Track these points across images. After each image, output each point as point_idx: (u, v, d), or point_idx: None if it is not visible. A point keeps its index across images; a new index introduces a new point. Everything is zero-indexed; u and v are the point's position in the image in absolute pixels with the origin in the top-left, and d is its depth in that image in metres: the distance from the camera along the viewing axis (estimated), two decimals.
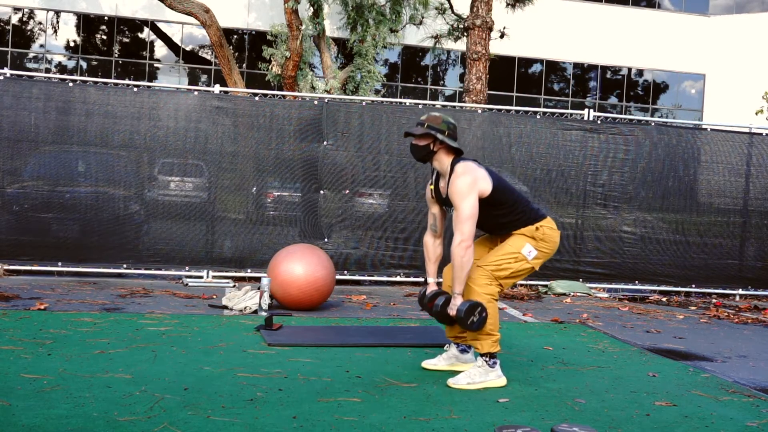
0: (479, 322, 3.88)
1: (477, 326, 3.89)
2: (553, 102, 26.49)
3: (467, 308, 3.86)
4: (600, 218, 8.52)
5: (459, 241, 3.87)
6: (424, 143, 4.07)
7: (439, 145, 4.05)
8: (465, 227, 3.88)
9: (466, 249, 3.86)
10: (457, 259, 3.88)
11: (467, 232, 3.87)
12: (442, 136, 4.02)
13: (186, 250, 7.79)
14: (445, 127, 4.05)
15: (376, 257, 8.09)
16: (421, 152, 4.09)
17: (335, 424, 3.20)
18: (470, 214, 3.89)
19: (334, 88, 11.33)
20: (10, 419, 3.05)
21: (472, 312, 3.86)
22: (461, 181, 3.93)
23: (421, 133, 4.04)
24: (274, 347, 4.70)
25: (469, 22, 10.86)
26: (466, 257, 3.87)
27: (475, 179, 3.95)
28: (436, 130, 4.03)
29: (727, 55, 26.45)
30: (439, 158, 4.07)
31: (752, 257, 8.84)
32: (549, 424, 3.31)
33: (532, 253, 4.06)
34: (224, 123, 7.88)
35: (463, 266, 3.88)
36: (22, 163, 7.55)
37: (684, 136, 8.70)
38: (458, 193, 3.92)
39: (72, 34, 23.67)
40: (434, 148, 4.06)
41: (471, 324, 3.87)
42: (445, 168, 4.06)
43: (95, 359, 4.14)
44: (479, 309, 3.88)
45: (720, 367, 4.86)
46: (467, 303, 3.88)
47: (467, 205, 3.89)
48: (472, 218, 3.90)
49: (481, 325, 3.90)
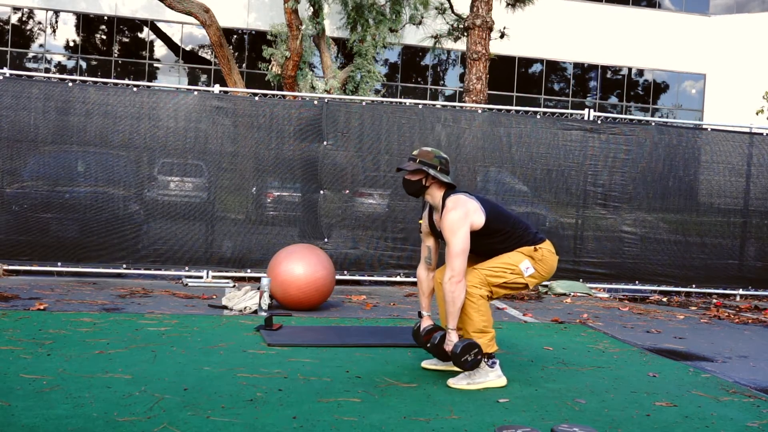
0: (472, 363, 3.91)
1: (470, 366, 3.92)
2: (553, 102, 26.49)
3: (462, 347, 3.89)
4: (600, 218, 8.52)
5: (449, 277, 3.88)
6: (416, 178, 4.08)
7: (431, 180, 4.07)
8: (456, 263, 3.88)
9: (456, 284, 3.88)
10: (448, 294, 3.89)
11: (458, 268, 3.88)
12: (434, 171, 4.04)
13: (186, 250, 7.79)
14: (437, 162, 4.06)
15: (375, 257, 8.09)
16: (413, 187, 4.11)
17: (335, 424, 3.20)
18: (461, 250, 3.90)
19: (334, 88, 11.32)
20: (9, 419, 3.04)
21: (467, 351, 3.89)
22: (452, 215, 3.94)
23: (414, 168, 4.05)
24: (274, 347, 4.70)
25: (469, 22, 10.85)
26: (457, 292, 3.88)
27: (465, 213, 3.95)
28: (428, 166, 4.04)
29: (727, 55, 26.46)
30: (432, 193, 4.09)
31: (752, 257, 8.83)
32: (549, 424, 3.31)
33: (529, 270, 4.07)
34: (224, 123, 7.88)
35: (454, 301, 3.90)
36: (22, 163, 7.55)
37: (684, 136, 8.70)
38: (449, 228, 3.92)
39: (71, 33, 23.67)
40: (426, 183, 4.07)
41: (465, 362, 3.90)
42: (438, 202, 4.08)
43: (95, 359, 4.14)
44: (475, 351, 3.91)
45: (720, 367, 4.85)
46: (463, 342, 3.91)
47: (458, 241, 3.90)
48: (463, 254, 3.90)
49: (475, 365, 3.92)
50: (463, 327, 4.03)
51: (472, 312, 3.97)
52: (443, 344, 4.05)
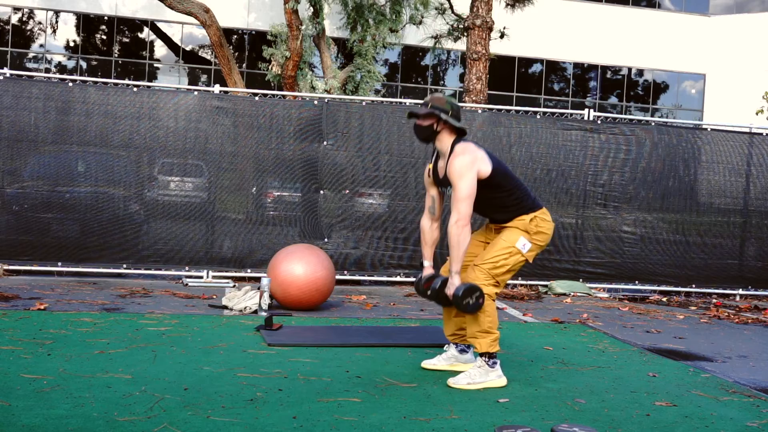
0: (474, 306, 3.88)
1: (472, 309, 3.89)
2: (553, 102, 26.49)
3: (465, 290, 3.86)
4: (600, 218, 8.52)
5: (456, 220, 3.88)
6: (427, 123, 4.07)
7: (443, 125, 4.06)
8: (462, 206, 3.88)
9: (462, 227, 3.87)
10: (454, 237, 3.88)
11: (464, 211, 3.88)
12: (445, 116, 4.03)
13: (186, 250, 7.79)
14: (449, 107, 4.06)
15: (376, 257, 8.09)
16: (424, 132, 4.09)
17: (335, 424, 3.20)
18: (468, 194, 3.89)
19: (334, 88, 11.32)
20: (10, 419, 3.05)
21: (469, 294, 3.86)
22: (460, 160, 3.94)
23: (425, 113, 4.05)
24: (274, 347, 4.70)
25: (469, 22, 10.85)
26: (463, 236, 3.87)
27: (474, 159, 3.95)
28: (440, 110, 4.03)
29: (727, 55, 26.46)
30: (442, 138, 4.08)
31: (752, 257, 8.83)
32: (549, 424, 3.31)
33: (527, 246, 4.05)
34: (224, 123, 7.88)
35: (459, 245, 3.88)
36: (22, 163, 7.55)
37: (684, 136, 8.70)
38: (456, 171, 3.92)
39: (72, 34, 23.67)
40: (437, 128, 4.06)
41: (466, 305, 3.87)
42: (446, 148, 4.06)
43: (95, 359, 4.14)
44: (477, 294, 3.88)
45: (720, 367, 4.85)
46: (465, 285, 3.88)
47: (465, 185, 3.89)
48: (469, 198, 3.90)
49: (476, 309, 3.89)
50: (468, 328, 4.02)
51: (479, 313, 3.96)
52: (444, 289, 4.00)
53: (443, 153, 4.09)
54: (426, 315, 6.40)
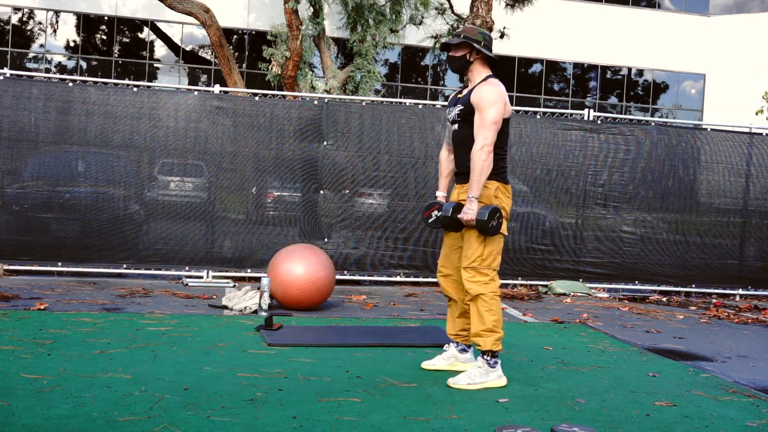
0: (497, 227, 3.90)
1: (494, 231, 3.89)
2: (553, 102, 26.49)
3: (490, 211, 3.86)
4: (600, 218, 8.52)
5: (481, 146, 3.90)
6: (461, 53, 4.09)
7: (476, 55, 4.08)
8: (489, 132, 3.92)
9: (488, 154, 3.90)
10: (478, 162, 3.89)
11: (490, 137, 3.92)
12: (478, 46, 4.05)
13: (186, 250, 7.79)
14: (482, 37, 4.08)
15: (375, 257, 8.09)
16: (458, 63, 4.11)
17: (335, 424, 3.20)
18: (495, 120, 3.93)
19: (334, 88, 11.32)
20: (10, 419, 3.05)
21: (493, 216, 3.87)
22: (492, 89, 3.98)
23: (458, 42, 4.06)
24: (274, 347, 4.70)
25: (469, 22, 10.85)
26: (488, 161, 3.90)
27: (504, 94, 4.00)
28: (473, 41, 4.05)
29: (727, 55, 26.45)
30: (475, 68, 4.11)
31: (752, 257, 8.83)
32: (549, 424, 3.31)
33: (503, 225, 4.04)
34: (224, 123, 7.88)
35: (483, 170, 3.90)
36: (22, 163, 7.55)
37: (684, 136, 8.70)
38: (487, 98, 3.95)
39: (72, 34, 23.67)
40: (471, 59, 4.09)
41: (491, 228, 3.87)
42: (478, 79, 4.08)
43: (95, 359, 4.14)
44: (498, 214, 3.90)
45: (720, 367, 4.86)
46: (489, 207, 3.89)
47: (493, 111, 3.93)
48: (496, 125, 3.93)
49: (497, 230, 3.90)
50: (473, 326, 4.02)
51: (484, 311, 3.96)
52: (457, 213, 3.97)
53: (473, 82, 4.11)
54: (426, 315, 6.41)
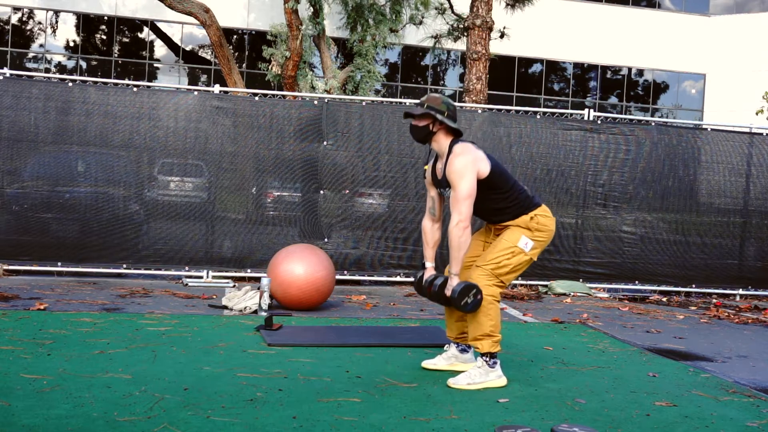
0: (473, 304, 3.87)
1: (471, 308, 3.87)
2: (553, 102, 26.49)
3: (461, 289, 3.85)
4: (600, 218, 8.52)
5: (456, 222, 3.86)
6: (423, 123, 4.05)
7: (439, 126, 4.04)
8: (463, 207, 3.87)
9: (463, 229, 3.85)
10: (455, 239, 3.87)
11: (465, 212, 3.86)
12: (441, 116, 4.01)
13: (186, 250, 7.79)
14: (445, 108, 4.03)
15: (375, 257, 8.09)
16: (420, 133, 4.07)
17: (335, 424, 3.20)
18: (468, 194, 3.88)
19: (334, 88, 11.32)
20: (10, 419, 3.05)
21: (466, 293, 3.85)
22: (460, 160, 3.92)
23: (421, 113, 4.02)
24: (274, 347, 4.70)
25: (469, 22, 10.85)
26: (464, 237, 3.86)
27: (474, 159, 3.93)
28: (436, 111, 4.01)
29: (727, 55, 26.45)
30: (438, 139, 4.06)
31: (752, 257, 8.83)
32: (549, 424, 3.31)
33: (529, 245, 4.03)
34: (224, 123, 7.88)
35: (460, 246, 3.87)
36: (22, 163, 7.55)
37: (684, 136, 8.70)
38: (456, 172, 3.90)
39: (72, 33, 23.67)
40: (434, 129, 4.04)
41: (465, 305, 3.86)
42: (444, 149, 4.04)
43: (95, 359, 4.14)
44: (474, 291, 3.86)
45: (720, 367, 4.85)
46: (462, 284, 3.87)
47: (465, 185, 3.87)
48: (470, 198, 3.88)
49: (476, 307, 3.88)
50: (470, 331, 4.01)
51: (481, 316, 3.94)
52: (444, 289, 3.99)
53: (441, 154, 4.07)
54: (426, 315, 6.40)
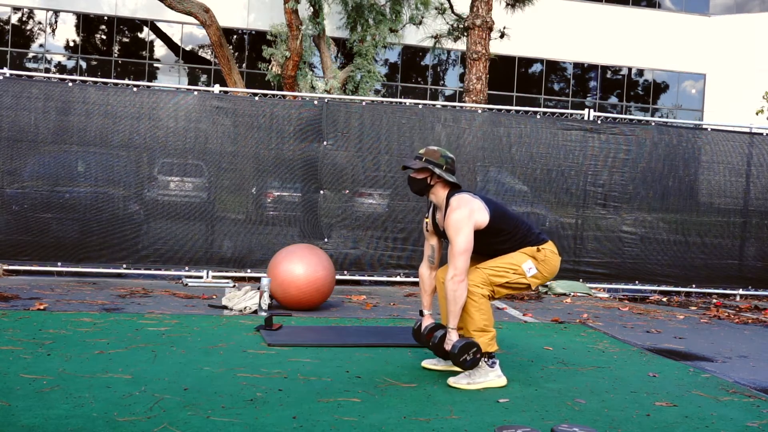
0: (471, 362, 3.92)
1: (469, 365, 3.92)
2: (553, 102, 26.49)
3: (461, 347, 3.89)
4: (600, 218, 8.52)
5: (452, 276, 3.88)
6: (421, 177, 4.09)
7: (437, 179, 4.07)
8: (459, 261, 3.88)
9: (459, 283, 3.87)
10: (450, 293, 3.89)
11: (460, 267, 3.88)
12: (439, 170, 4.04)
13: (186, 250, 7.79)
14: (443, 161, 4.07)
15: (375, 257, 8.09)
16: (418, 185, 4.12)
17: (335, 424, 3.20)
18: (464, 249, 3.89)
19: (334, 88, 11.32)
20: (10, 419, 3.04)
21: (465, 351, 3.89)
22: (456, 215, 3.94)
23: (419, 167, 4.06)
24: (274, 347, 4.70)
25: (469, 22, 10.85)
26: (459, 291, 3.88)
27: (470, 212, 3.95)
28: (434, 165, 4.05)
29: (727, 55, 26.45)
30: (436, 192, 4.10)
31: (752, 257, 8.83)
32: (549, 424, 3.31)
33: (532, 271, 4.06)
34: (224, 123, 7.88)
35: (456, 300, 3.89)
36: (22, 163, 7.55)
37: (684, 136, 8.70)
38: (453, 227, 3.92)
39: (71, 33, 23.67)
40: (431, 182, 4.08)
41: (464, 362, 3.91)
42: (442, 201, 4.09)
43: (95, 359, 4.14)
44: (474, 349, 3.91)
45: (720, 367, 4.85)
46: (462, 341, 3.91)
47: (462, 240, 3.89)
48: (466, 252, 3.90)
49: (474, 364, 3.93)
50: (464, 326, 4.03)
51: (474, 311, 3.97)
52: (443, 343, 4.05)
53: (439, 205, 4.12)
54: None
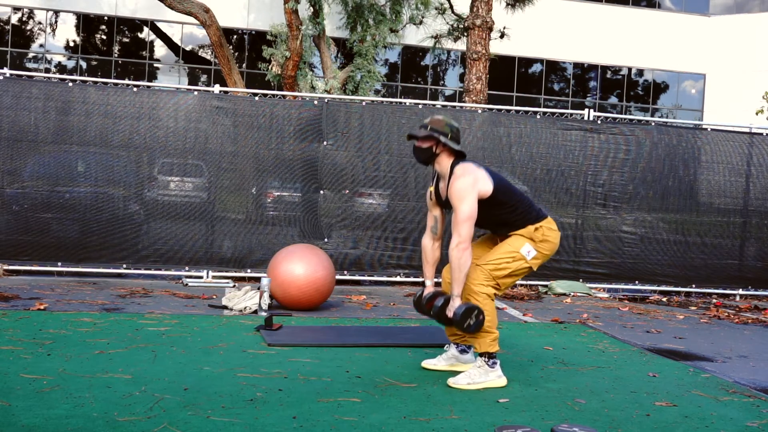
0: (476, 325, 3.89)
1: (474, 329, 3.90)
2: (553, 102, 26.49)
3: (464, 311, 3.87)
4: (600, 218, 8.52)
5: (456, 243, 3.88)
6: (426, 145, 4.08)
7: (442, 148, 4.06)
8: (463, 229, 3.88)
9: (463, 251, 3.87)
10: (455, 261, 3.88)
11: (465, 234, 3.88)
12: (444, 138, 4.03)
13: (186, 250, 7.79)
14: (448, 130, 4.06)
15: (375, 257, 8.09)
16: (423, 154, 4.10)
17: (335, 424, 3.20)
18: (468, 216, 3.90)
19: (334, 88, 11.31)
20: (10, 419, 3.05)
21: (468, 315, 3.88)
22: (460, 182, 3.94)
23: (424, 135, 4.05)
24: (274, 347, 4.70)
25: (469, 22, 10.85)
26: (464, 259, 3.87)
27: (474, 180, 3.95)
28: (439, 133, 4.04)
29: (727, 55, 26.45)
30: (441, 161, 4.09)
31: (752, 257, 8.83)
32: (549, 424, 3.31)
33: (531, 253, 4.06)
34: (224, 123, 7.88)
35: (461, 268, 3.88)
36: (22, 163, 7.55)
37: (684, 136, 8.70)
38: (457, 194, 3.92)
39: (72, 33, 23.67)
40: (437, 151, 4.07)
41: (467, 327, 3.89)
42: (446, 170, 4.07)
43: (95, 359, 4.14)
44: (476, 312, 3.89)
45: (720, 367, 4.85)
46: (464, 306, 3.89)
47: (466, 207, 3.90)
48: (470, 220, 3.90)
49: (478, 328, 3.91)
50: None
51: None
52: (445, 310, 4.01)
53: (443, 175, 4.11)
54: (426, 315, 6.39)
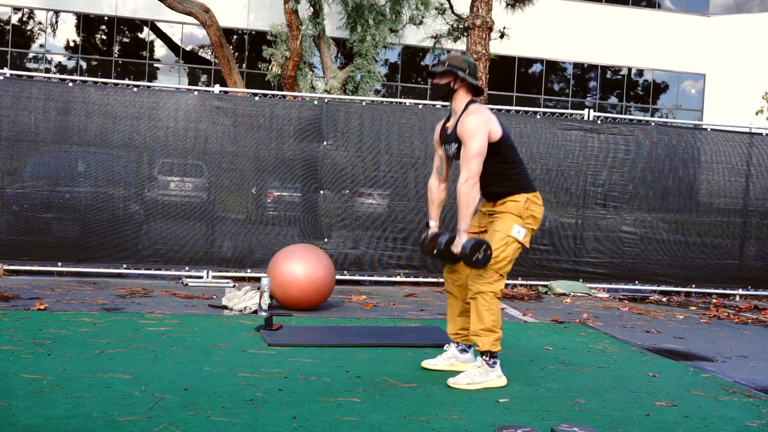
0: (484, 260, 3.87)
1: (482, 263, 3.87)
2: (553, 102, 26.49)
3: (473, 245, 3.85)
4: (600, 218, 8.52)
5: (465, 178, 3.89)
6: (445, 81, 4.09)
7: (460, 83, 4.08)
8: (472, 164, 3.90)
9: (472, 186, 3.88)
10: (463, 196, 3.89)
11: (474, 170, 3.90)
12: (462, 74, 4.05)
13: (186, 250, 7.79)
14: (466, 65, 4.09)
15: (375, 257, 8.09)
16: (441, 90, 4.12)
17: (335, 424, 3.20)
18: (479, 152, 3.91)
19: (334, 88, 11.31)
20: (10, 419, 3.05)
21: (477, 249, 3.85)
22: (473, 118, 3.97)
23: (443, 71, 4.07)
24: (274, 347, 4.70)
25: (469, 22, 10.85)
26: (473, 194, 3.89)
27: (487, 119, 3.98)
28: (457, 68, 4.06)
29: (727, 55, 26.45)
30: (458, 96, 4.10)
31: (752, 257, 8.84)
32: (549, 424, 3.31)
33: (521, 233, 4.05)
34: (224, 123, 7.88)
35: (468, 203, 3.89)
36: (22, 163, 7.55)
37: (684, 136, 8.70)
38: (469, 129, 3.94)
39: (72, 34, 23.67)
40: (455, 86, 4.09)
41: (476, 261, 3.86)
42: (460, 107, 4.09)
43: (95, 359, 4.14)
44: (484, 246, 3.87)
45: (720, 367, 4.86)
46: (473, 240, 3.88)
47: (476, 143, 3.91)
48: (480, 156, 3.92)
49: (486, 262, 3.89)
50: (472, 325, 4.02)
51: (483, 310, 3.96)
52: (450, 247, 3.99)
53: (456, 111, 4.12)
54: (426, 315, 6.40)
